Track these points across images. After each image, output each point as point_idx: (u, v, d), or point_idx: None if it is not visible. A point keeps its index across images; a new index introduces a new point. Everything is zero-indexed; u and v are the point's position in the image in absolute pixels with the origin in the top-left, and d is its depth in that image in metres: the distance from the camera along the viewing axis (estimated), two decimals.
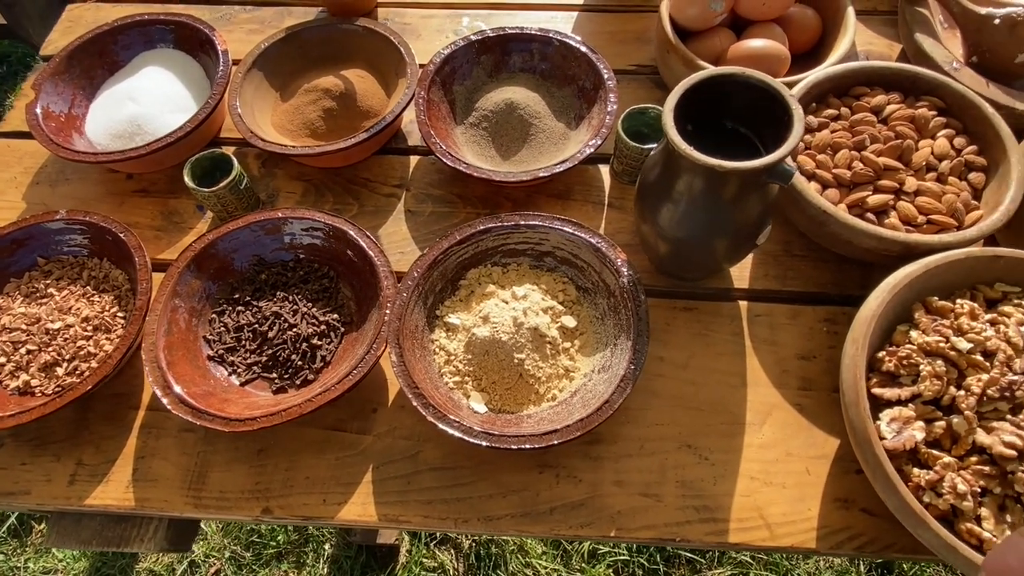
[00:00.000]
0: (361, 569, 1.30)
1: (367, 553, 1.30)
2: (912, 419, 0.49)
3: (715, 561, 1.17)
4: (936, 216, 0.58)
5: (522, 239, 0.62)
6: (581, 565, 1.24)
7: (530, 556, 1.26)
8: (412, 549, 1.28)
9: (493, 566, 1.28)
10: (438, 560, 1.29)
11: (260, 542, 1.32)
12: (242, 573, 1.31)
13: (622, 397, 0.52)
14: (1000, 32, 0.67)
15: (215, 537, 1.32)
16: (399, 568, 1.29)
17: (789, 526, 0.53)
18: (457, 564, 1.29)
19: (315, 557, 1.32)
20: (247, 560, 1.31)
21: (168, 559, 1.32)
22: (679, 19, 0.70)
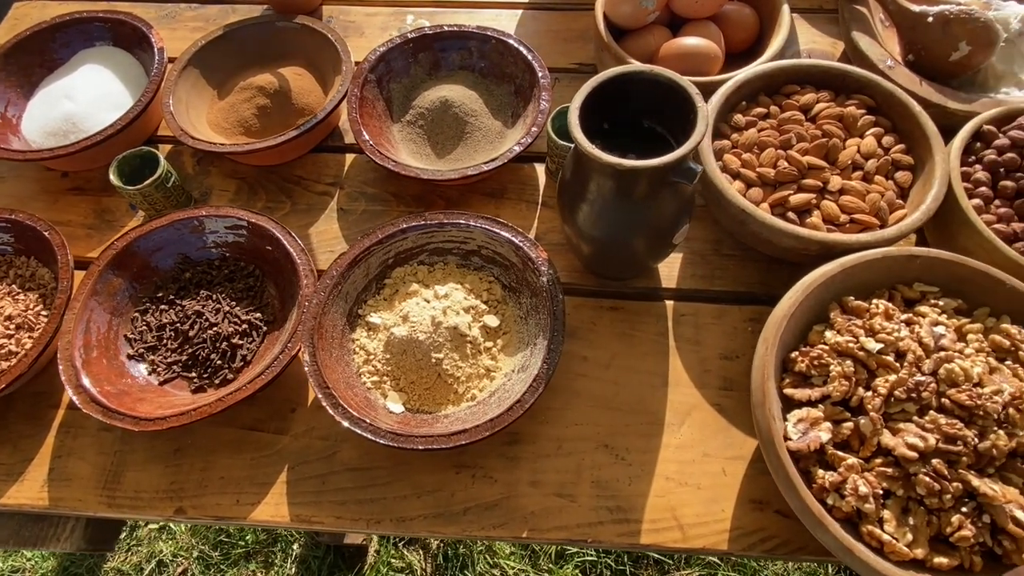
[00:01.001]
0: (329, 569, 1.30)
1: (335, 553, 1.30)
2: (820, 420, 0.49)
3: (683, 561, 1.16)
4: (859, 215, 0.57)
5: (448, 238, 0.61)
6: (549, 566, 1.24)
7: (498, 557, 1.26)
8: (380, 549, 1.28)
9: (461, 566, 1.27)
10: (406, 560, 1.28)
11: (228, 542, 1.32)
12: (210, 573, 1.30)
13: (533, 397, 0.52)
14: (934, 30, 0.66)
15: (183, 536, 1.32)
16: (367, 568, 1.28)
17: (702, 527, 0.52)
18: (425, 564, 1.29)
19: (283, 557, 1.31)
20: (215, 560, 1.31)
21: (136, 558, 1.32)
22: (613, 17, 0.69)
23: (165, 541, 1.34)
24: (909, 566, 0.44)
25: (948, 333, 0.50)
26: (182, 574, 1.31)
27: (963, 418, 0.46)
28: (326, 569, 1.30)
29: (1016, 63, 0.68)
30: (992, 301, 0.52)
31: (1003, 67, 0.68)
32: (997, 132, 0.59)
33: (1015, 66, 0.68)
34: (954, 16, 0.65)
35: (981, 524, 0.44)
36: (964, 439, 0.45)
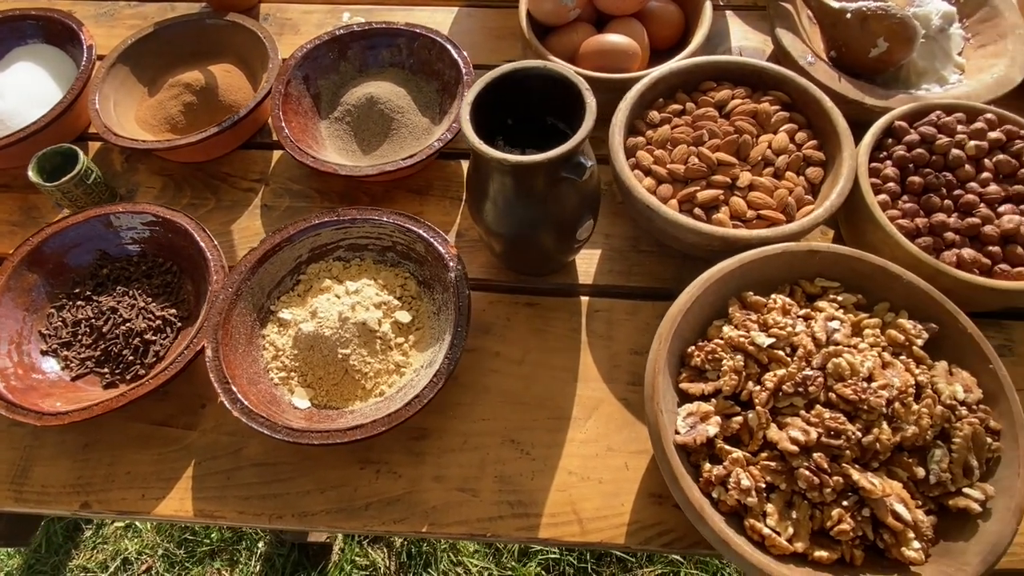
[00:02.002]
0: (293, 567, 1.30)
1: (299, 551, 1.30)
2: (710, 414, 0.49)
3: (645, 559, 1.17)
4: (766, 211, 0.57)
5: (363, 234, 0.62)
6: (512, 564, 1.24)
7: (462, 555, 1.26)
8: (344, 547, 1.28)
9: (424, 564, 1.27)
10: (370, 559, 1.29)
11: (194, 540, 1.32)
12: (175, 571, 1.30)
13: (432, 392, 0.52)
14: (853, 27, 0.66)
15: (148, 535, 1.32)
16: (331, 566, 1.29)
17: (601, 521, 0.52)
18: (389, 562, 1.29)
19: (248, 555, 1.31)
20: (180, 557, 1.31)
21: (101, 556, 1.32)
22: (537, 15, 0.69)
23: (130, 539, 1.34)
24: (789, 559, 0.44)
25: (842, 328, 0.50)
26: (146, 571, 1.31)
27: (848, 412, 0.46)
28: (290, 567, 1.30)
29: (938, 59, 0.68)
30: (891, 296, 0.52)
31: (924, 63, 0.68)
32: (908, 128, 0.60)
33: (937, 62, 0.68)
34: (871, 13, 0.65)
35: (861, 518, 0.44)
36: (845, 433, 0.45)
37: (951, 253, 0.54)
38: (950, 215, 0.56)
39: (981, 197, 0.56)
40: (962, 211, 0.56)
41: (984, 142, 0.58)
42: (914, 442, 0.46)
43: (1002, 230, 0.55)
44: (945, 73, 0.68)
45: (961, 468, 0.45)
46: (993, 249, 0.54)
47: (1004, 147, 0.58)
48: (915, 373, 0.48)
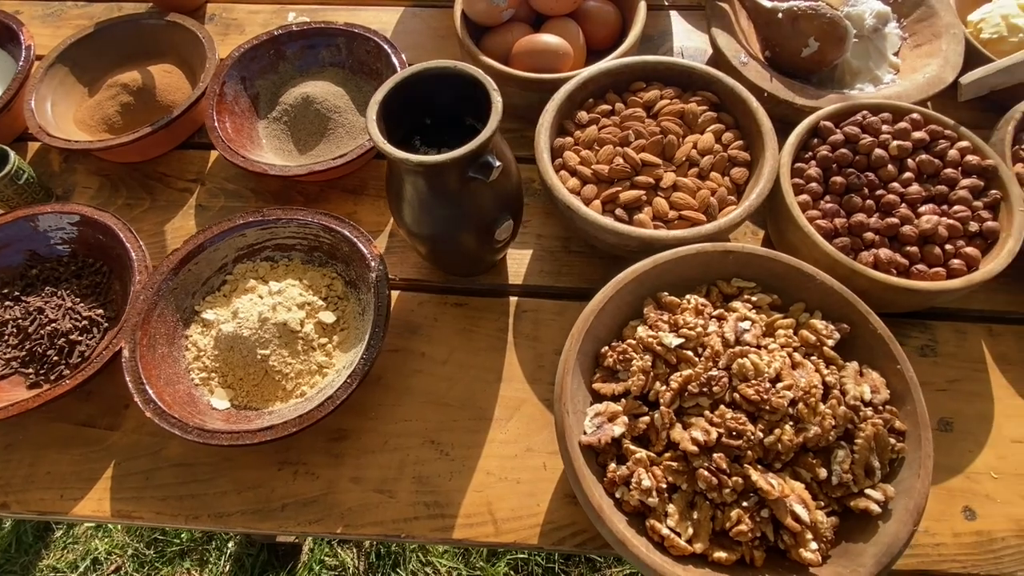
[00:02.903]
0: (262, 567, 1.29)
1: (269, 551, 1.30)
2: (618, 414, 0.49)
3: (614, 560, 1.16)
4: (687, 212, 0.57)
5: (290, 234, 0.61)
6: (480, 563, 1.24)
7: (431, 555, 1.26)
8: (314, 548, 1.28)
9: (393, 564, 1.27)
10: (339, 559, 1.28)
11: (163, 540, 1.32)
12: (144, 571, 1.30)
13: (345, 393, 0.52)
14: (785, 26, 0.66)
15: (118, 534, 1.32)
16: (300, 567, 1.28)
17: (515, 522, 0.52)
18: (358, 563, 1.28)
19: (218, 555, 1.31)
20: (149, 557, 1.31)
21: (71, 556, 1.32)
22: (471, 15, 0.69)
23: (101, 539, 1.33)
24: (688, 560, 0.44)
25: (753, 328, 0.50)
26: (115, 571, 1.31)
27: (752, 413, 0.46)
28: (259, 567, 1.30)
29: (872, 59, 0.68)
30: (807, 297, 0.52)
31: (858, 63, 0.68)
32: (834, 128, 0.59)
33: (871, 62, 0.68)
34: (802, 12, 0.65)
35: (760, 519, 0.44)
36: (745, 434, 0.45)
37: (869, 253, 0.54)
38: (871, 215, 0.56)
39: (902, 197, 0.56)
40: (883, 211, 0.56)
41: (908, 142, 0.58)
42: (817, 443, 0.46)
43: (920, 230, 0.54)
44: (879, 73, 0.68)
45: (863, 469, 0.45)
46: (911, 249, 0.54)
47: (928, 147, 0.58)
48: (824, 374, 0.48)
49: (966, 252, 0.54)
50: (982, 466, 0.53)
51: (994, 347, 0.58)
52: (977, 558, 0.50)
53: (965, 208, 0.55)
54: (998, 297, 0.61)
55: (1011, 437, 0.54)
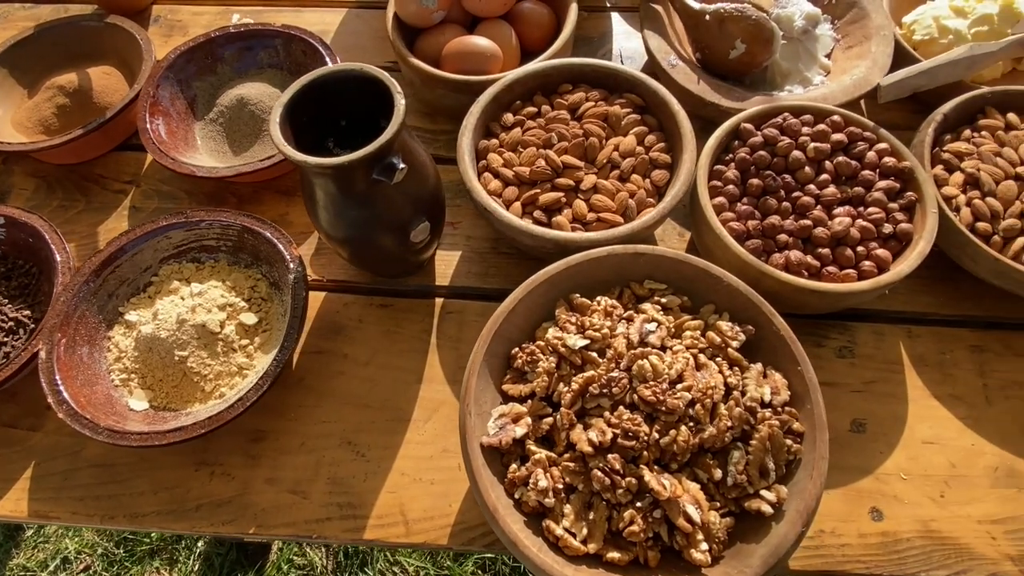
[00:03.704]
0: (231, 566, 1.30)
1: (238, 550, 1.30)
2: (523, 415, 0.49)
3: None
4: (605, 214, 0.58)
5: (215, 235, 0.62)
6: (448, 563, 1.24)
7: (399, 554, 1.27)
8: (283, 547, 1.28)
9: (361, 564, 1.28)
10: (308, 558, 1.29)
11: (133, 539, 1.32)
12: (113, 569, 1.30)
13: (256, 395, 0.52)
14: (712, 28, 0.66)
15: (88, 533, 1.32)
16: (269, 566, 1.29)
17: (426, 522, 0.53)
18: (326, 562, 1.29)
19: (188, 554, 1.31)
20: (119, 556, 1.31)
21: (42, 555, 1.33)
22: (403, 17, 0.70)
23: (71, 538, 1.34)
24: (582, 561, 0.45)
25: (658, 330, 0.50)
26: (84, 570, 1.31)
27: (649, 414, 0.47)
28: (228, 566, 1.30)
29: (802, 61, 0.68)
30: (716, 298, 0.52)
31: (788, 65, 0.68)
32: (754, 130, 0.60)
33: (800, 64, 0.68)
34: (728, 14, 0.65)
35: (652, 519, 0.45)
36: (639, 434, 0.45)
37: (781, 256, 0.55)
38: (786, 217, 0.56)
39: (817, 199, 0.57)
40: (798, 213, 0.56)
41: (826, 144, 0.58)
42: (714, 444, 0.46)
43: (832, 232, 0.55)
44: (809, 75, 0.68)
45: (758, 470, 0.46)
46: (823, 251, 0.55)
47: (846, 149, 0.59)
48: (726, 375, 0.49)
49: (877, 254, 0.54)
50: (892, 467, 0.53)
51: (912, 348, 0.58)
52: (881, 559, 0.50)
53: (879, 210, 0.56)
54: (920, 299, 0.61)
55: (922, 438, 0.54)
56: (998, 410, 0.55)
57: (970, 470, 0.53)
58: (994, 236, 0.55)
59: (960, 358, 0.58)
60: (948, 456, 0.54)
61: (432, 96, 0.70)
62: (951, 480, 0.53)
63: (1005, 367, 0.57)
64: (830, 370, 0.57)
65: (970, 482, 0.52)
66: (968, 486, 0.52)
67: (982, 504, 0.52)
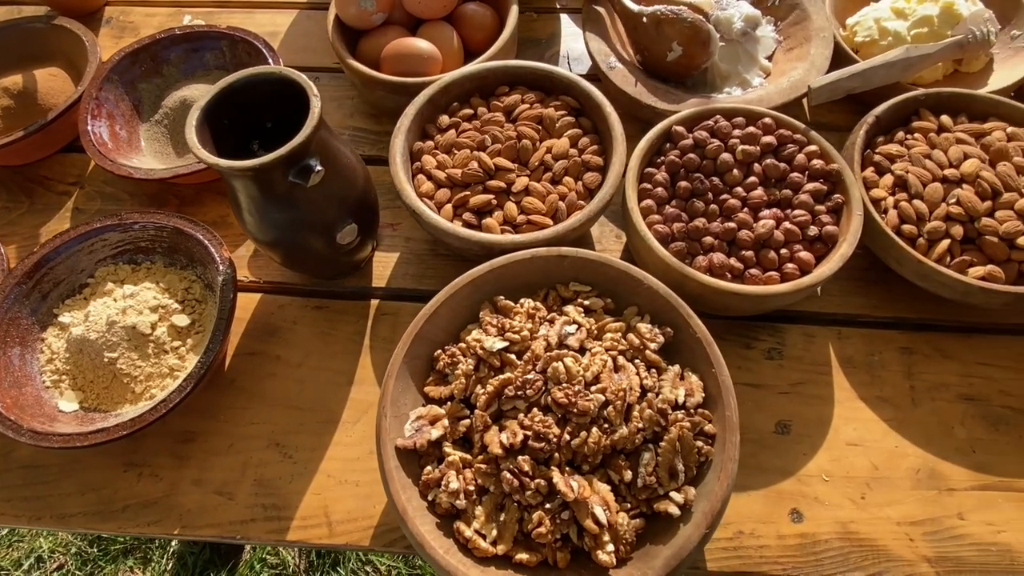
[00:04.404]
0: (204, 565, 1.30)
1: (211, 549, 1.30)
2: (440, 417, 0.49)
3: None
4: (535, 216, 0.58)
5: (150, 237, 0.62)
6: (419, 563, 1.24)
7: (371, 554, 1.27)
8: (256, 546, 1.28)
9: (333, 563, 1.28)
10: (280, 557, 1.29)
11: (107, 538, 1.32)
12: (87, 568, 1.30)
13: (180, 397, 0.52)
14: (650, 30, 0.67)
15: (62, 532, 1.33)
16: (241, 565, 1.29)
17: (349, 524, 0.53)
18: (299, 561, 1.29)
19: (161, 553, 1.32)
20: (93, 555, 1.31)
21: (16, 554, 1.33)
22: (344, 19, 0.70)
23: (45, 537, 1.34)
24: (491, 562, 0.45)
25: (577, 332, 0.51)
26: (58, 569, 1.32)
27: (563, 416, 0.47)
28: (201, 565, 1.30)
29: (741, 63, 0.68)
30: (639, 300, 0.53)
31: (727, 67, 0.68)
32: (685, 133, 0.60)
33: (740, 66, 0.68)
34: (664, 17, 0.65)
35: (560, 520, 0.45)
36: (547, 436, 0.45)
37: (704, 258, 0.55)
38: (713, 220, 0.56)
39: (744, 202, 0.57)
40: (725, 216, 0.57)
41: (755, 147, 0.58)
42: (625, 445, 0.46)
43: (756, 235, 0.55)
44: (749, 76, 0.68)
45: (667, 471, 0.46)
46: (746, 254, 0.55)
47: (776, 151, 0.59)
48: (642, 377, 0.49)
49: (800, 256, 0.54)
50: (815, 469, 0.54)
51: (841, 350, 0.59)
52: (799, 560, 0.50)
53: (805, 212, 0.56)
54: (852, 300, 0.61)
55: (846, 440, 0.54)
56: (923, 411, 0.56)
57: (892, 472, 0.53)
58: (919, 238, 0.56)
59: (889, 360, 0.58)
60: (871, 458, 0.54)
61: (373, 98, 0.70)
62: (873, 482, 0.53)
63: (933, 369, 0.57)
64: (758, 372, 0.58)
65: (891, 484, 0.53)
66: (889, 488, 0.52)
67: (902, 506, 0.52)
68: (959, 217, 0.55)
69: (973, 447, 0.54)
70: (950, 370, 0.57)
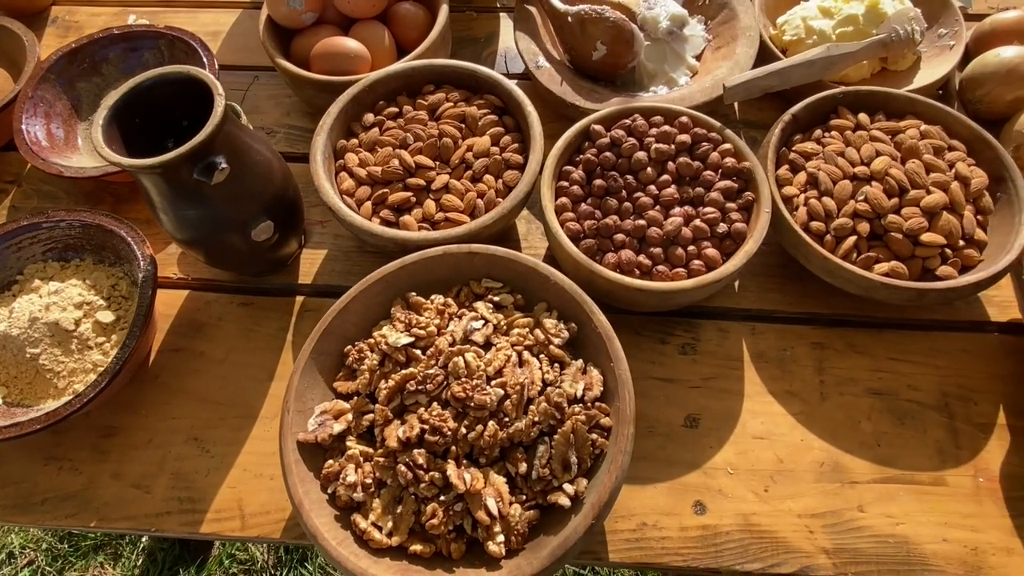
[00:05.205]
0: (173, 561, 1.31)
1: (180, 545, 1.31)
2: (345, 412, 0.50)
3: None
4: (453, 214, 0.59)
5: (77, 235, 0.63)
6: None
7: None
8: (226, 542, 1.29)
9: (300, 559, 1.29)
10: (250, 553, 1.30)
11: (78, 534, 1.33)
12: (57, 564, 1.31)
13: (95, 392, 0.53)
14: (575, 30, 0.67)
15: (32, 529, 1.33)
16: (211, 561, 1.30)
17: (262, 517, 0.54)
18: (267, 556, 1.30)
19: (131, 549, 1.32)
20: (63, 551, 1.32)
21: None
22: (276, 18, 0.70)
23: (16, 534, 1.35)
24: (387, 553, 0.46)
25: (483, 328, 0.51)
26: (29, 565, 1.32)
27: (460, 410, 0.48)
28: (171, 561, 1.31)
29: (668, 62, 0.69)
30: (547, 296, 0.53)
31: (654, 66, 0.69)
32: (603, 131, 0.60)
33: (666, 65, 0.69)
34: (587, 16, 0.66)
35: (453, 512, 0.46)
36: (442, 430, 0.46)
37: (613, 255, 0.55)
38: (626, 218, 0.57)
39: (656, 200, 0.58)
40: (637, 213, 0.57)
41: (670, 145, 0.59)
42: (522, 439, 0.47)
43: (664, 232, 0.56)
44: (675, 75, 0.69)
45: (560, 464, 0.47)
46: (655, 251, 0.55)
47: (692, 150, 0.60)
48: (544, 371, 0.50)
49: (707, 253, 0.55)
50: (721, 462, 0.54)
51: (754, 345, 0.59)
52: (699, 551, 0.51)
53: (715, 210, 0.56)
54: (769, 296, 0.62)
55: (753, 434, 0.55)
56: (831, 406, 0.56)
57: (796, 465, 0.54)
58: (827, 235, 0.56)
59: (800, 355, 0.59)
60: (777, 451, 0.55)
61: (306, 96, 0.71)
62: (777, 475, 0.54)
63: (843, 364, 0.58)
64: (671, 366, 0.58)
65: (795, 477, 0.54)
66: (793, 481, 0.53)
67: (804, 499, 0.53)
68: (866, 214, 0.56)
69: (878, 441, 0.55)
70: (861, 365, 0.58)
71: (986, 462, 0.54)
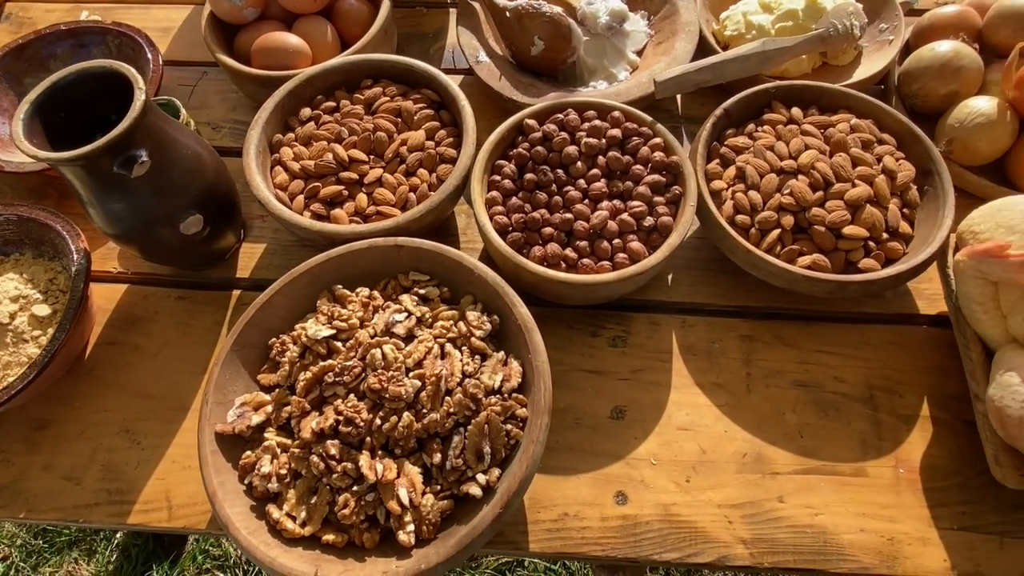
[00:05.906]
0: (147, 557, 1.31)
1: (154, 541, 1.31)
2: (265, 403, 0.51)
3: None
4: (384, 207, 0.59)
5: (14, 229, 0.63)
6: None
7: None
8: (199, 538, 1.29)
9: None
10: (223, 548, 1.30)
11: (52, 530, 1.33)
12: (32, 560, 1.31)
13: (23, 384, 0.54)
14: (513, 25, 0.68)
15: (7, 524, 1.34)
16: (184, 557, 1.30)
17: (189, 508, 0.54)
18: (240, 552, 1.30)
19: (106, 545, 1.33)
20: (38, 547, 1.32)
21: None
22: (217, 14, 0.71)
23: None
24: (300, 543, 0.46)
25: (406, 320, 0.52)
26: (2, 561, 1.33)
27: (376, 401, 0.48)
28: (144, 557, 1.31)
29: (608, 57, 0.69)
30: (473, 289, 0.54)
31: (593, 61, 0.69)
32: (536, 126, 0.61)
33: (606, 60, 0.69)
34: (524, 11, 0.66)
35: (365, 502, 0.46)
36: (355, 421, 0.47)
37: (540, 248, 0.56)
38: (555, 211, 0.58)
39: (585, 194, 0.58)
40: (566, 207, 0.58)
41: (600, 139, 0.59)
42: (438, 429, 0.48)
43: (590, 225, 0.56)
44: (615, 70, 0.69)
45: (474, 454, 0.47)
46: (581, 244, 0.56)
47: (623, 144, 0.60)
48: (464, 363, 0.50)
49: (632, 247, 0.55)
50: (645, 453, 0.55)
51: (684, 338, 0.60)
52: (618, 541, 0.51)
53: (642, 204, 0.57)
54: (701, 290, 0.62)
55: (677, 425, 0.56)
56: (757, 397, 0.57)
57: (719, 456, 0.54)
58: (752, 228, 0.57)
59: (729, 347, 0.59)
60: (700, 442, 0.55)
61: (248, 91, 0.71)
62: (699, 466, 0.54)
63: (771, 356, 0.59)
64: (601, 359, 0.59)
65: (717, 468, 0.54)
66: (715, 472, 0.54)
67: (725, 489, 0.53)
68: (791, 207, 0.56)
69: (801, 432, 0.55)
70: (788, 357, 0.59)
71: (907, 453, 0.54)
